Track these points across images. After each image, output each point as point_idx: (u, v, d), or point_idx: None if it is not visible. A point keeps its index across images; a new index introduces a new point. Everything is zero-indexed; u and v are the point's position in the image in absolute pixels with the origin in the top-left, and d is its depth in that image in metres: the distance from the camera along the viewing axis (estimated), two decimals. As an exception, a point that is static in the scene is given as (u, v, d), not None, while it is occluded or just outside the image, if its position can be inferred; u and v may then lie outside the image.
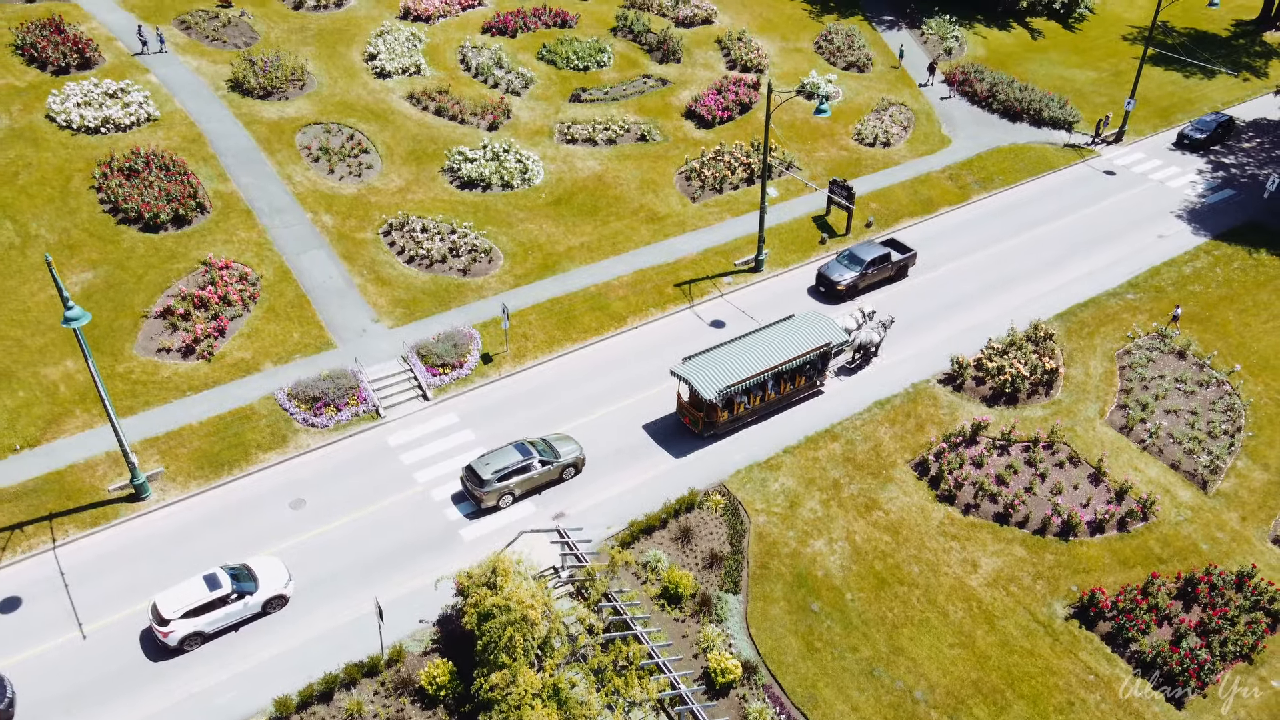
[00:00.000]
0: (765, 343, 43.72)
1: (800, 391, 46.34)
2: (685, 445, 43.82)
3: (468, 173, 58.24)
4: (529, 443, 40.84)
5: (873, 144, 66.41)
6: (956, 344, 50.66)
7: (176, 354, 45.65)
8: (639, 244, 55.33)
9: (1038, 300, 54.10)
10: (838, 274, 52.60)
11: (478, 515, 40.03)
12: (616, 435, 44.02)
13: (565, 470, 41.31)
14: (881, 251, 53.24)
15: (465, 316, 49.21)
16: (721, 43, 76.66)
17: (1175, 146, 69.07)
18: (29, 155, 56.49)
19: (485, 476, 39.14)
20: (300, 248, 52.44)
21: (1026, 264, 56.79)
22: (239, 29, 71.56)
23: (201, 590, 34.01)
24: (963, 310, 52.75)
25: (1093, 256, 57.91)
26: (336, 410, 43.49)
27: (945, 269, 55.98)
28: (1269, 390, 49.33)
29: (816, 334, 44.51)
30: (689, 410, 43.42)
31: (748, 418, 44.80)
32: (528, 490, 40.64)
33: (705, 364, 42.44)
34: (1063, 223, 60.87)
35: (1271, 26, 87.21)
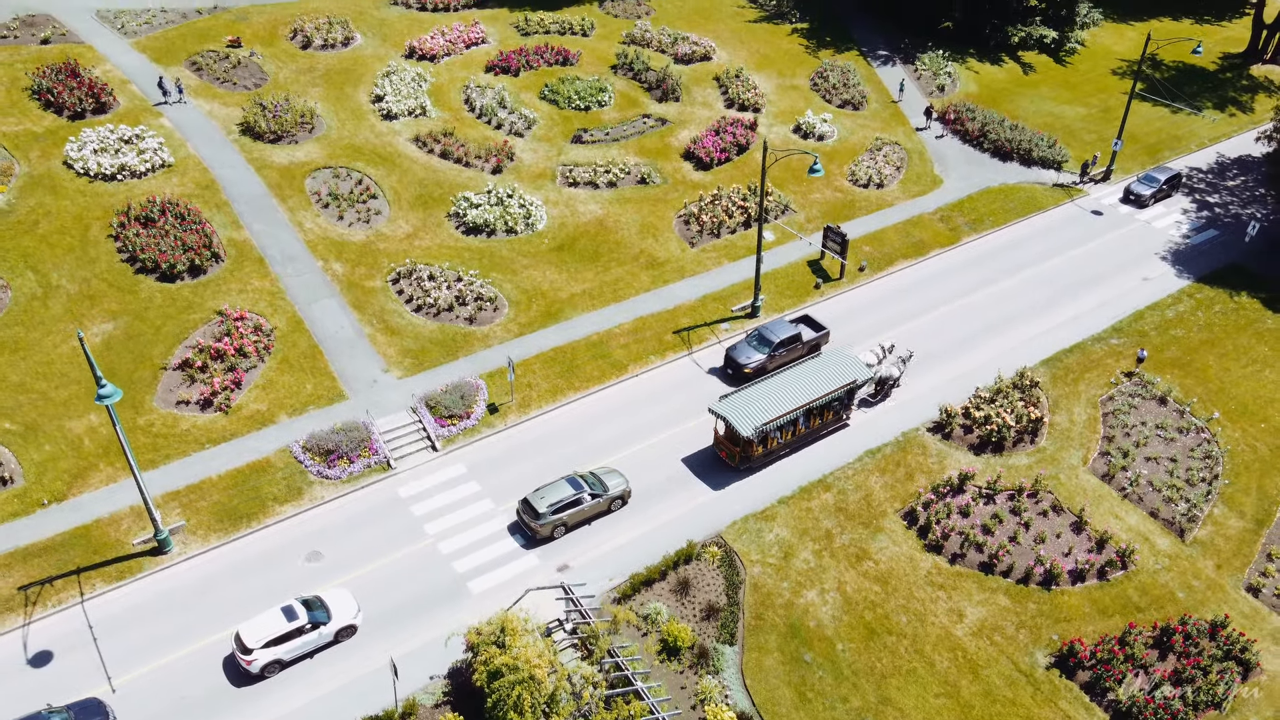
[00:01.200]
0: (795, 380, 46.67)
1: (828, 425, 49.11)
2: (723, 478, 46.98)
3: (473, 219, 60.09)
4: (580, 476, 43.73)
5: (866, 185, 68.30)
6: (946, 391, 52.54)
7: (195, 406, 47.51)
8: (639, 290, 57.20)
9: (1025, 345, 55.97)
10: (745, 357, 51.28)
11: (487, 569, 41.90)
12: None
13: (613, 502, 44.12)
14: (792, 332, 51.74)
15: (472, 366, 51.09)
16: (720, 80, 78.52)
17: (1123, 201, 69.19)
18: (48, 203, 58.35)
19: (541, 510, 41.97)
20: (312, 296, 54.31)
21: (1014, 307, 58.68)
22: (249, 70, 73.41)
23: (280, 621, 36.77)
24: (951, 357, 54.63)
25: (1079, 299, 59.81)
26: (349, 462, 45.39)
27: (936, 314, 57.87)
28: (1246, 437, 51.23)
29: (843, 371, 47.39)
30: (726, 445, 46.19)
31: (780, 451, 47.56)
32: (579, 521, 43.25)
33: (741, 402, 45.26)
34: (1050, 265, 62.76)
35: (1259, 60, 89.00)
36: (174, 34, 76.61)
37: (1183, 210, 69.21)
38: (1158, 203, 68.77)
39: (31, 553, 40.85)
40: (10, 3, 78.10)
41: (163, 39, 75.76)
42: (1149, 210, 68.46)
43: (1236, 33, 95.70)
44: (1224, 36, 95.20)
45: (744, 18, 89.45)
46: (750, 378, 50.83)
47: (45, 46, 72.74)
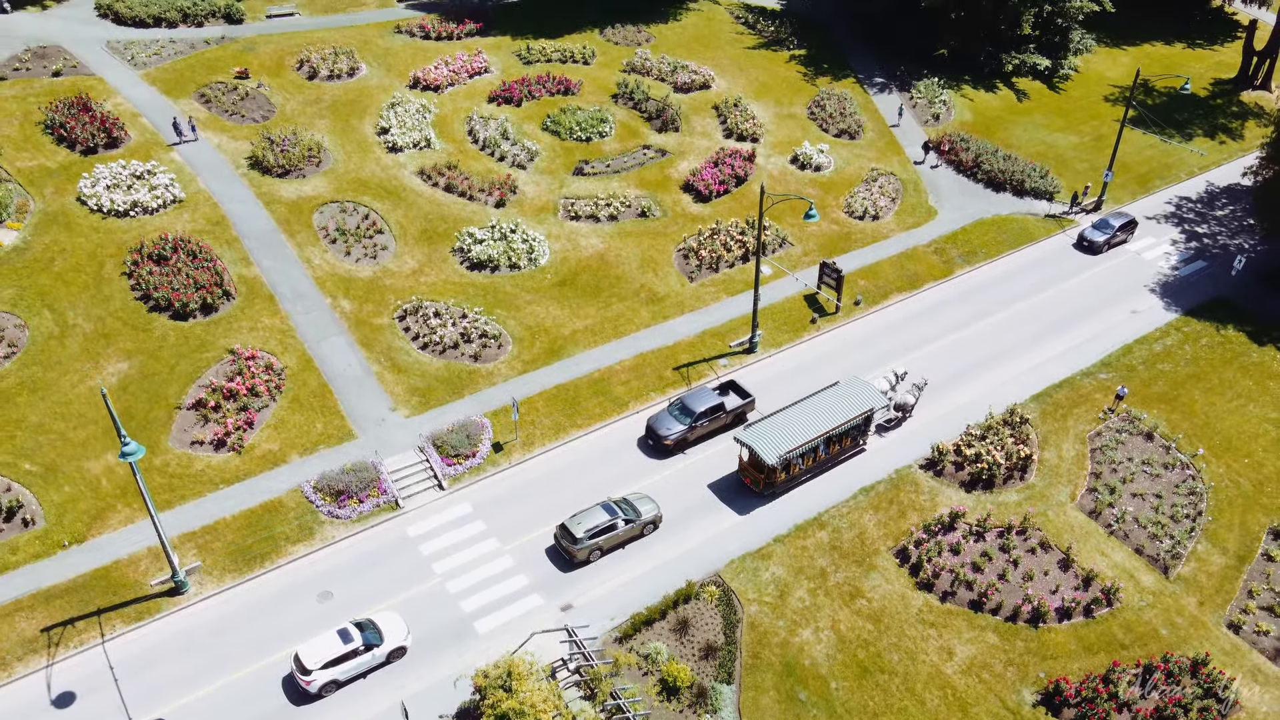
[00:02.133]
0: (816, 409, 48.79)
1: (846, 450, 51.32)
2: (748, 503, 49.45)
3: (477, 254, 61.59)
4: (614, 502, 46.10)
5: (862, 217, 69.79)
6: (938, 427, 54.04)
7: (209, 446, 49.02)
8: (640, 326, 58.70)
9: (1016, 380, 57.47)
10: (665, 428, 50.48)
11: (493, 608, 43.41)
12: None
13: (645, 527, 46.41)
14: (715, 401, 51.18)
15: (477, 405, 52.59)
16: (719, 109, 79.99)
17: (1075, 246, 68.77)
18: (63, 240, 59.86)
19: (578, 535, 44.25)
20: (321, 334, 55.80)
21: (1006, 342, 60.17)
22: (256, 102, 74.87)
23: (337, 644, 39.17)
24: (944, 392, 56.13)
25: (1069, 333, 61.30)
26: (359, 502, 46.92)
27: (929, 349, 59.36)
28: (1230, 472, 52.76)
29: (861, 400, 49.64)
30: (750, 471, 48.44)
31: (802, 476, 49.79)
32: (613, 546, 45.47)
33: (766, 430, 47.36)
34: (1041, 297, 64.27)
35: (1249, 86, 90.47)
36: (183, 65, 78.00)
37: (1172, 241, 70.68)
38: (1112, 249, 68.30)
39: (54, 594, 42.34)
40: (22, 34, 79.53)
41: (172, 70, 77.16)
42: (1136, 243, 69.86)
43: (1228, 58, 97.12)
44: (1215, 61, 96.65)
45: (742, 44, 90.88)
46: (671, 450, 50.52)
47: (57, 79, 74.16)
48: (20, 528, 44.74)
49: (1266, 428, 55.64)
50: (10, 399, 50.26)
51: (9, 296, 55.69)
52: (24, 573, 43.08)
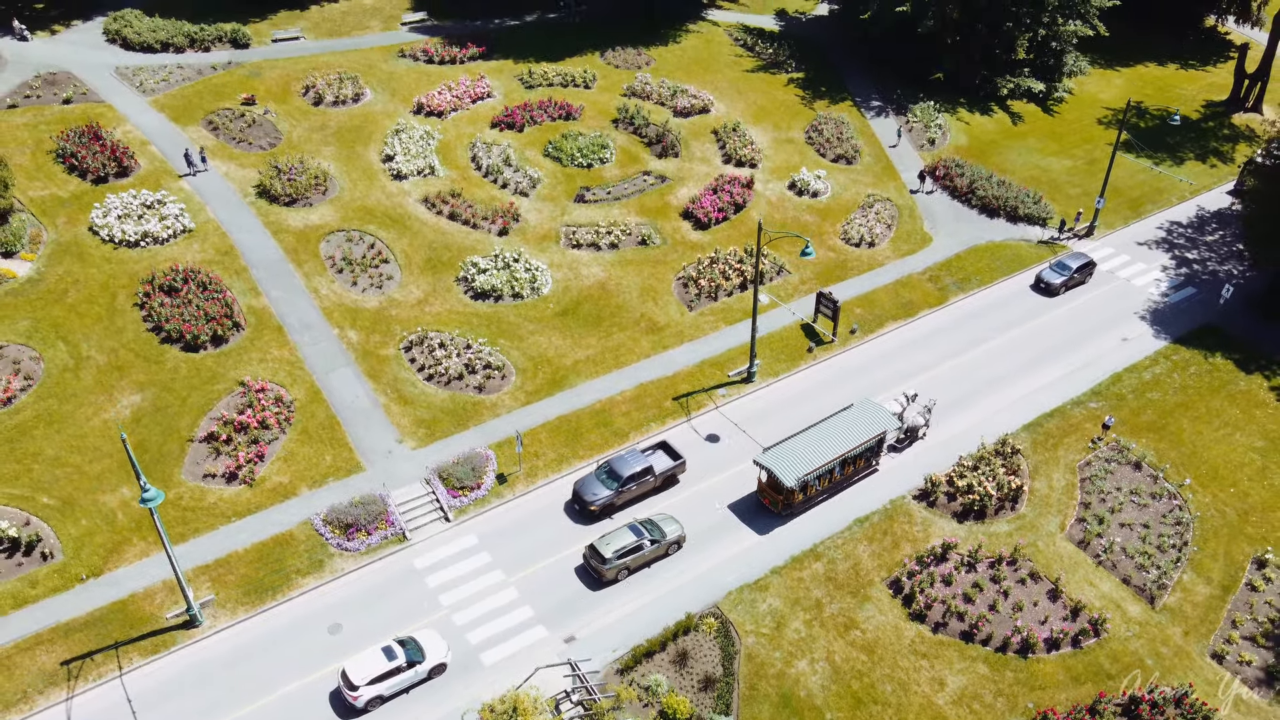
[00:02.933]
0: (831, 432, 50.80)
1: (860, 471, 53.30)
2: (768, 523, 51.74)
3: (481, 284, 62.96)
4: (641, 524, 48.13)
5: (858, 244, 71.15)
6: (931, 456, 55.45)
7: (221, 479, 50.40)
8: (640, 356, 60.07)
9: (1008, 409, 58.82)
10: (591, 493, 49.77)
11: (498, 640, 44.81)
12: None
13: (670, 547, 48.30)
14: (643, 464, 50.37)
15: (481, 436, 53.97)
16: (718, 134, 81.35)
17: (1033, 288, 68.55)
18: (76, 271, 61.23)
19: (607, 555, 46.25)
20: (329, 365, 57.17)
21: (999, 370, 61.51)
22: (263, 128, 76.23)
23: (382, 661, 41.13)
24: (937, 422, 57.50)
25: (1060, 361, 62.65)
26: (367, 535, 48.31)
27: (923, 378, 60.71)
28: (1215, 501, 54.15)
29: (874, 423, 51.73)
30: (769, 492, 50.50)
31: (818, 497, 51.71)
32: (639, 565, 47.41)
33: (784, 453, 49.39)
34: (1033, 324, 65.63)
35: (1240, 108, 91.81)
36: (190, 91, 79.37)
37: (1162, 267, 72.06)
38: (1069, 291, 68.11)
39: (73, 627, 43.73)
40: (33, 60, 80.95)
41: (180, 97, 78.52)
42: (1127, 269, 71.19)
43: (1220, 79, 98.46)
44: (1208, 83, 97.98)
45: (741, 67, 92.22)
46: (598, 516, 50.09)
47: (67, 106, 75.54)
48: (39, 561, 46.09)
49: (1252, 456, 56.97)
50: (28, 432, 51.58)
51: (24, 328, 57.01)
52: (44, 606, 44.42)
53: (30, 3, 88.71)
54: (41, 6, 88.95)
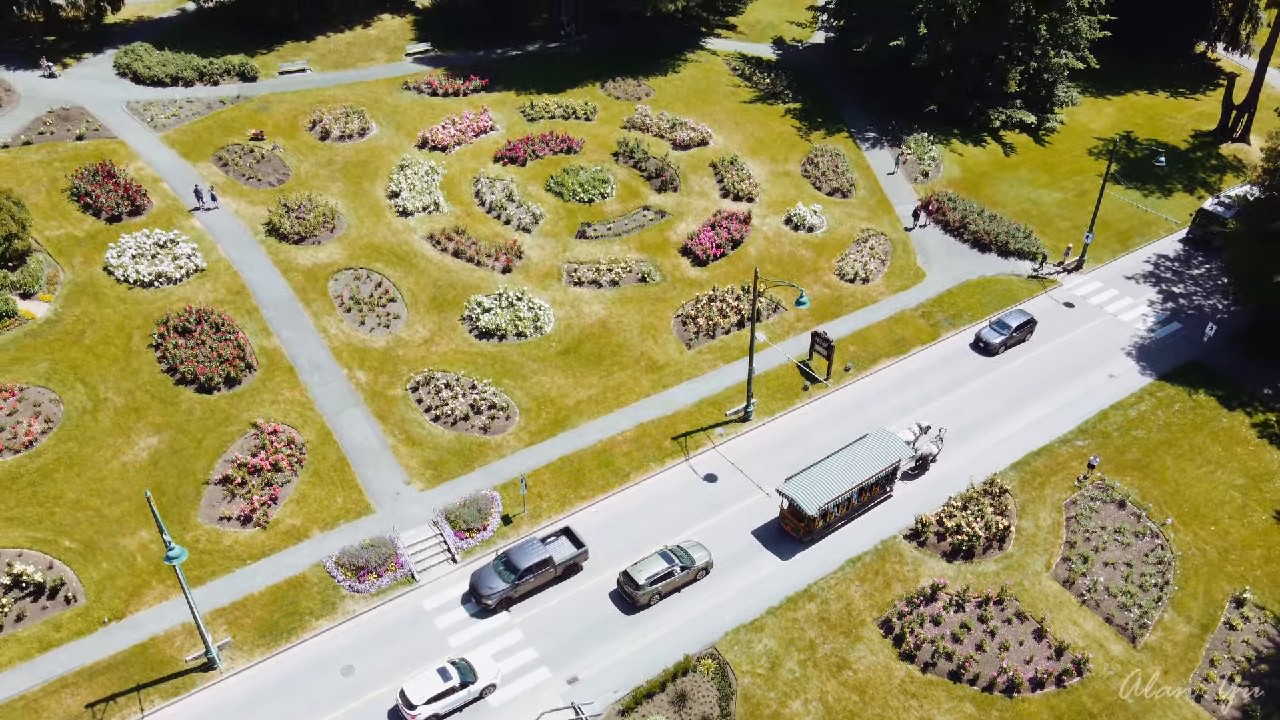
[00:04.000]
0: (849, 462, 53.79)
1: (876, 498, 56.04)
2: (790, 548, 54.57)
3: (485, 323, 64.87)
4: (671, 550, 50.81)
5: (853, 280, 73.05)
6: (923, 495, 57.39)
7: (236, 522, 52.31)
8: (640, 395, 61.97)
9: (997, 447, 60.74)
10: (488, 586, 48.80)
11: (504, 683, 46.69)
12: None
13: (699, 572, 50.96)
14: (543, 555, 49.59)
15: (487, 478, 55.89)
16: (716, 167, 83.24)
17: (972, 347, 67.99)
18: (92, 312, 63.10)
19: (640, 581, 49.07)
20: (339, 406, 59.06)
21: (988, 408, 63.39)
22: (272, 165, 78.10)
23: (438, 681, 44.09)
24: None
25: (1048, 398, 64.54)
26: (378, 577, 50.23)
27: (915, 416, 62.54)
28: (1197, 540, 56.09)
29: (889, 452, 54.73)
30: (790, 519, 53.40)
31: (836, 523, 54.55)
32: (670, 590, 50.15)
33: (805, 483, 52.40)
34: (1022, 361, 67.52)
35: (1228, 139, 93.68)
36: (200, 126, 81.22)
37: (1149, 302, 73.96)
38: (1008, 350, 67.61)
39: (96, 670, 45.64)
40: (46, 95, 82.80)
41: (190, 132, 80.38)
42: (1115, 304, 73.08)
43: (1210, 107, 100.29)
44: (1197, 111, 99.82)
45: (739, 98, 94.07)
46: (494, 610, 49.43)
47: (80, 143, 77.39)
48: (63, 605, 47.99)
49: (1233, 495, 58.90)
50: (49, 475, 53.47)
51: (44, 370, 58.88)
52: (68, 649, 46.33)
53: (41, 36, 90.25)
54: (53, 39, 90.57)
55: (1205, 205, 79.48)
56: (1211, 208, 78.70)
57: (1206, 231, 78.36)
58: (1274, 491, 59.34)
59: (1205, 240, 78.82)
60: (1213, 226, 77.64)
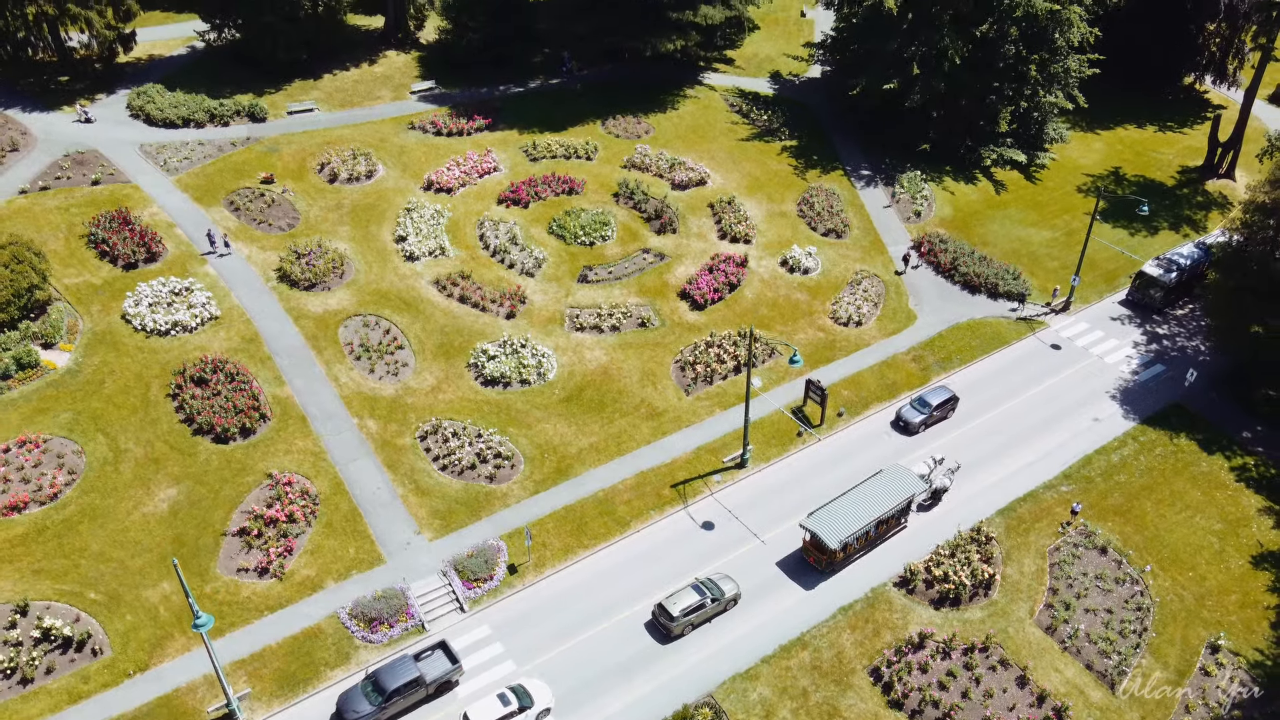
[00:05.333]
0: (867, 496, 57.29)
1: (892, 529, 59.41)
2: (812, 579, 54.96)
3: (490, 371, 67.25)
4: (702, 583, 54.10)
5: (846, 323, 75.40)
6: (912, 543, 59.80)
7: (253, 573, 54.69)
8: (640, 443, 64.34)
9: (984, 494, 63.10)
10: (353, 710, 47.56)
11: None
12: (624, 643, 53.14)
13: (728, 604, 54.35)
14: (413, 674, 48.17)
15: (493, 527, 58.29)
16: (714, 208, 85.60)
17: (892, 425, 67.24)
18: (111, 361, 65.47)
19: (675, 614, 52.51)
20: (350, 455, 61.45)
21: (975, 454, 65.71)
22: (282, 209, 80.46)
23: (498, 706, 47.97)
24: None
25: (1034, 443, 66.87)
26: (389, 627, 52.62)
27: (905, 461, 64.80)
28: (1175, 585, 58.49)
29: (904, 487, 58.21)
30: (813, 552, 56.83)
31: (855, 554, 57.92)
32: (701, 621, 53.53)
33: (826, 517, 55.93)
34: (1011, 405, 69.85)
35: (1214, 175, 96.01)
36: (212, 170, 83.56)
37: (1134, 344, 76.28)
38: (928, 429, 67.08)
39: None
40: (61, 138, 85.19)
41: (202, 176, 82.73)
42: (1101, 346, 75.36)
43: (1197, 141, 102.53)
44: (1185, 146, 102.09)
45: (736, 135, 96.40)
46: None
47: (96, 188, 79.77)
48: (90, 657, 50.38)
49: (1210, 540, 61.29)
50: (74, 527, 55.87)
51: (66, 421, 61.25)
52: (96, 701, 48.72)
53: (55, 77, 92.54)
54: (66, 80, 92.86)
55: (1144, 268, 78.42)
56: (1150, 270, 77.77)
57: (1145, 294, 78.03)
58: (1250, 537, 61.60)
59: (1144, 303, 78.71)
60: (1151, 289, 77.45)
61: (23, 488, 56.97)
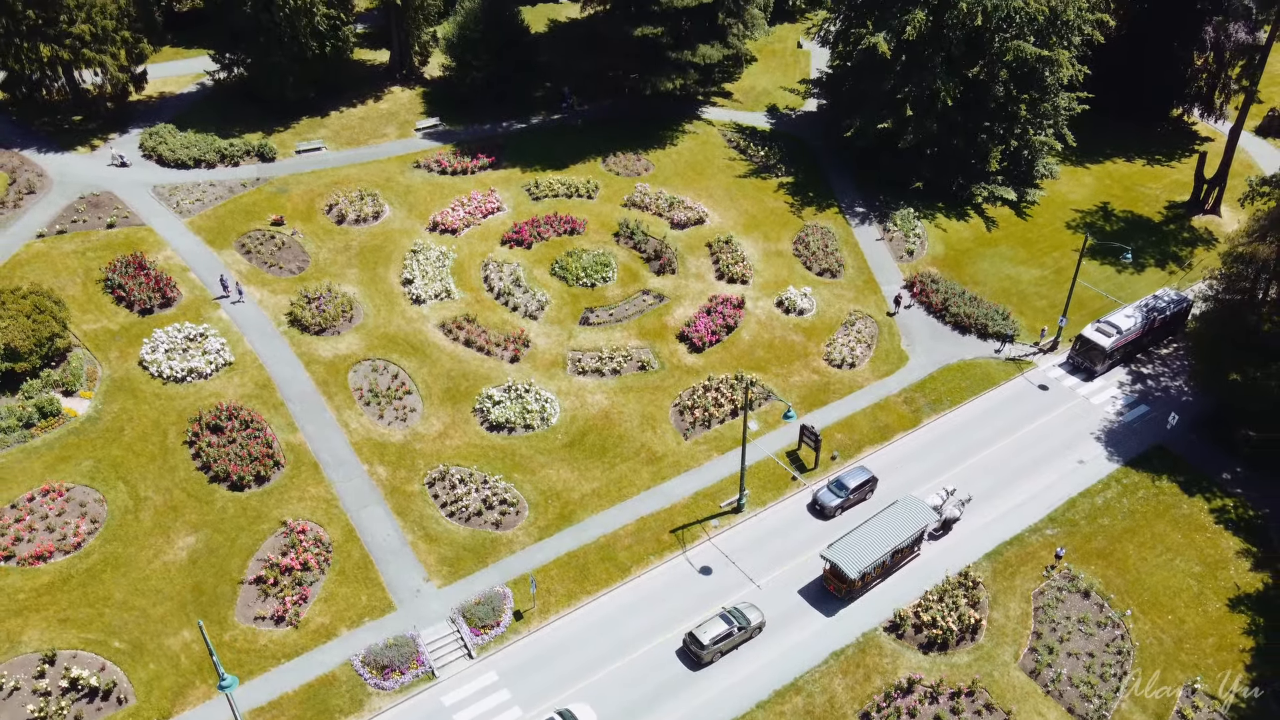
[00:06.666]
0: (883, 527, 60.71)
1: (905, 557, 62.70)
2: (832, 606, 57.57)
3: (495, 416, 69.68)
4: (730, 612, 57.41)
5: (840, 365, 77.84)
6: (902, 587, 62.20)
7: (270, 621, 57.13)
8: (640, 488, 66.77)
9: (971, 538, 65.51)
10: None
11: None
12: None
13: (754, 631, 57.62)
14: None
15: (499, 574, 60.74)
16: (712, 248, 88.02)
17: (809, 508, 66.57)
18: (130, 408, 67.89)
19: (705, 642, 55.85)
20: (361, 503, 63.89)
21: (968, 493, 68.06)
22: (292, 251, 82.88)
23: None
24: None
25: (1021, 486, 69.28)
26: (401, 674, 55.09)
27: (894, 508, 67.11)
28: (1154, 629, 60.94)
29: (918, 518, 61.57)
30: (834, 580, 60.18)
31: (872, 582, 61.30)
32: (730, 648, 57.02)
33: (845, 548, 59.46)
34: (997, 448, 72.23)
35: (1200, 210, 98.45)
36: (223, 211, 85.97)
37: (1119, 384, 78.68)
38: (845, 512, 66.22)
39: (148, 771, 50.43)
40: (76, 179, 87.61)
41: (214, 218, 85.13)
42: (1087, 386, 77.75)
43: (1184, 175, 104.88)
44: (1173, 180, 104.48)
45: (734, 172, 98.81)
46: None
47: (111, 231, 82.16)
48: (115, 706, 52.83)
49: (1189, 583, 63.74)
50: (97, 576, 58.31)
51: (88, 469, 63.68)
52: (122, 751, 51.09)
53: (69, 117, 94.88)
54: (80, 119, 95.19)
55: (1085, 332, 77.23)
56: (1091, 335, 76.60)
57: (1086, 358, 77.38)
58: (1227, 579, 64.07)
59: (1085, 369, 77.97)
60: (1092, 353, 76.65)
61: (48, 537, 59.33)
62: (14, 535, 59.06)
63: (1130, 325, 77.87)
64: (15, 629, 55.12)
